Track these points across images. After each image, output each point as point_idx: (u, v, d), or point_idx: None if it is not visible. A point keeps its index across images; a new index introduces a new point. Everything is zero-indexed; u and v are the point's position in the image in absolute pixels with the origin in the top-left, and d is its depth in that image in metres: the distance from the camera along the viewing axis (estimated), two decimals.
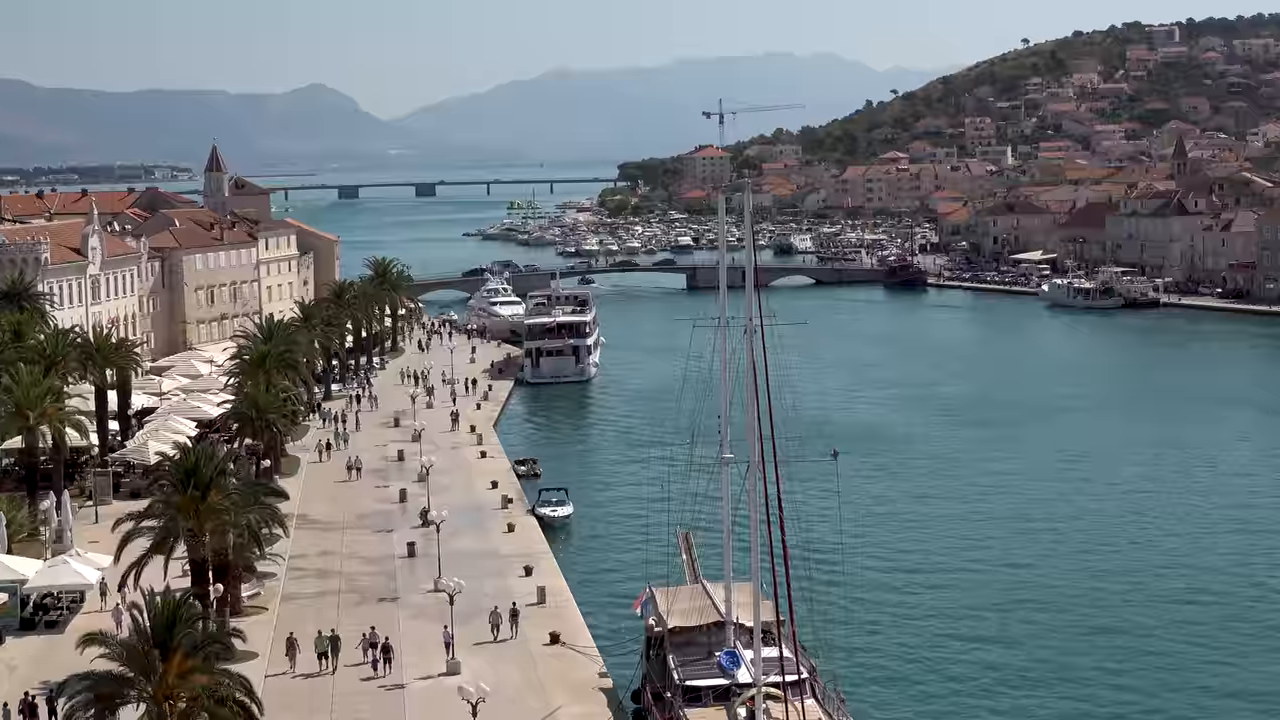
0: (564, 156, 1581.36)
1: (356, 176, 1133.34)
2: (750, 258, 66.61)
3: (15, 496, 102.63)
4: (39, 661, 75.16)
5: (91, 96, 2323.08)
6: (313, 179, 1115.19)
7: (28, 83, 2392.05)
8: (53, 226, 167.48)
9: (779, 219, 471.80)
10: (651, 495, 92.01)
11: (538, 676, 74.01)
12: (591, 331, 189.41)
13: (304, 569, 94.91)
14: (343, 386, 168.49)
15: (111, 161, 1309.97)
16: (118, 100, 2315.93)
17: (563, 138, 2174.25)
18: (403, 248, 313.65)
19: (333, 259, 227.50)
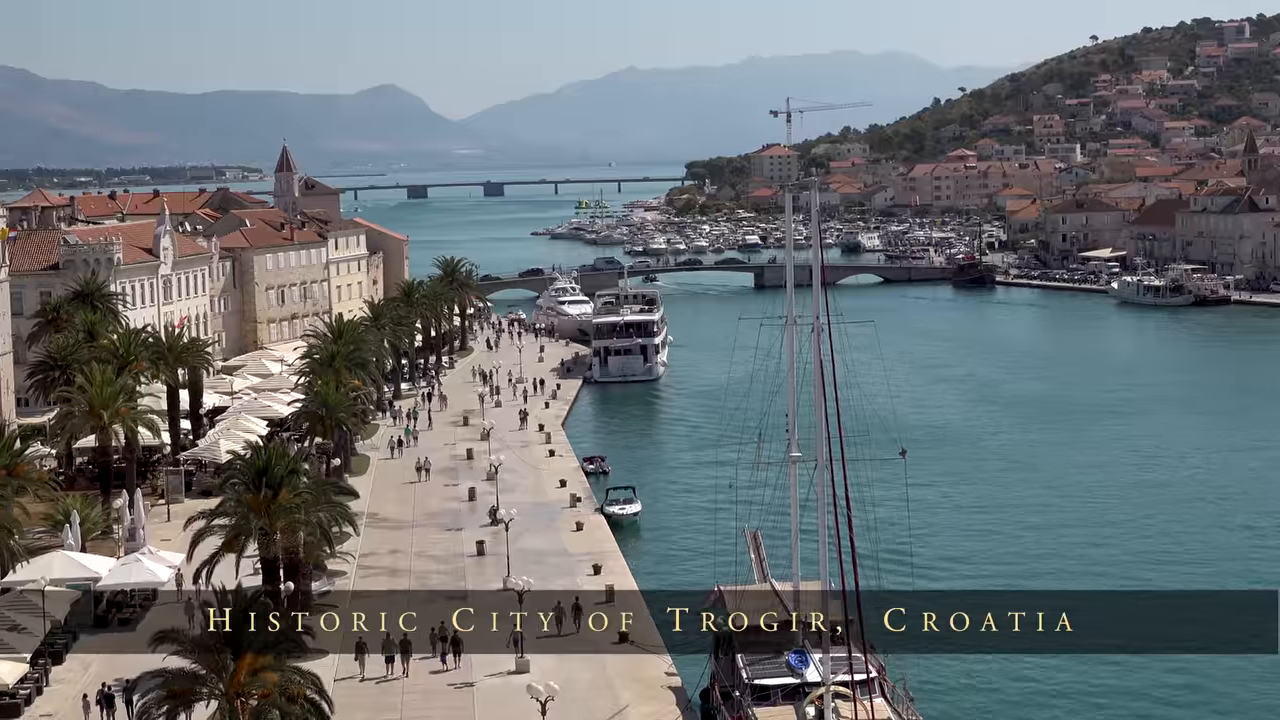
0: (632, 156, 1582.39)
1: (425, 176, 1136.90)
2: (817, 256, 66.58)
3: (89, 495, 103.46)
4: (112, 659, 75.82)
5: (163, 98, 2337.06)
6: (382, 179, 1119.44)
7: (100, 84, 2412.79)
8: (125, 227, 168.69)
9: (846, 217, 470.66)
10: (719, 494, 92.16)
11: (606, 675, 74.15)
12: (659, 330, 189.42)
13: (374, 567, 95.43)
14: (412, 385, 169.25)
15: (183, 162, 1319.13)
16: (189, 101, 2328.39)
17: (630, 137, 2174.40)
18: (471, 247, 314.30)
19: (402, 258, 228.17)
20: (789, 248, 75.88)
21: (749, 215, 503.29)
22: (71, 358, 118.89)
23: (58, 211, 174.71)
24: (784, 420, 71.84)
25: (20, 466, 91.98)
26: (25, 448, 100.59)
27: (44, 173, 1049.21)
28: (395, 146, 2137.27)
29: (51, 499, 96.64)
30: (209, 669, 55.46)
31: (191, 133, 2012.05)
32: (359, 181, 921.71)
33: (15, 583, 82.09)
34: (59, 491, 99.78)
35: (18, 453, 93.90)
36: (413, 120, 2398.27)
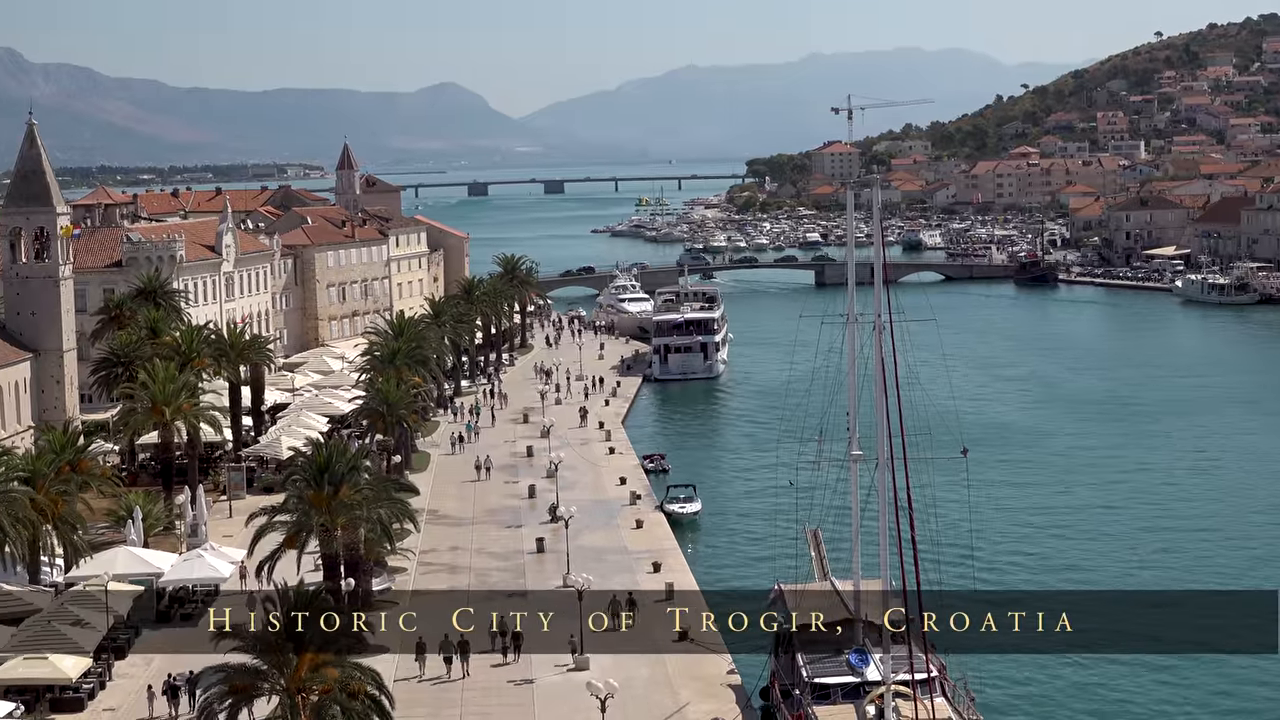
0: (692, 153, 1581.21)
1: (485, 174, 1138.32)
2: (879, 254, 66.36)
3: (151, 491, 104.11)
4: (174, 654, 76.18)
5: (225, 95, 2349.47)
6: (442, 176, 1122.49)
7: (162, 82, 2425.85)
8: (188, 224, 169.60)
9: (908, 215, 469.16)
10: (780, 492, 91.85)
11: (666, 673, 74.08)
12: (720, 328, 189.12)
13: (434, 564, 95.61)
14: (472, 383, 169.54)
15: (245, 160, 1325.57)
16: (251, 99, 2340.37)
17: (691, 134, 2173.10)
18: (531, 244, 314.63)
19: (462, 256, 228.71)
20: (850, 245, 75.61)
21: (810, 213, 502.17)
22: (134, 354, 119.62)
23: (121, 209, 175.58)
24: (845, 418, 71.61)
25: (84, 462, 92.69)
26: (89, 444, 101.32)
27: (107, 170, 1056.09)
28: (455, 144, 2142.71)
29: (114, 495, 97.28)
30: (270, 665, 55.67)
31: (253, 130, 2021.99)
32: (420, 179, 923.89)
33: (79, 578, 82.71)
34: (122, 487, 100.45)
35: (81, 449, 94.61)
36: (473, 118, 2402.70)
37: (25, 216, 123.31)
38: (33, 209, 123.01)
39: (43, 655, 69.39)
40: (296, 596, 57.66)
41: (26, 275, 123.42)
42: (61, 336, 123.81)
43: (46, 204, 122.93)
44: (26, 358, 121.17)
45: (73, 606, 76.16)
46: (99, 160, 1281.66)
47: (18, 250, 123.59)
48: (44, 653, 69.56)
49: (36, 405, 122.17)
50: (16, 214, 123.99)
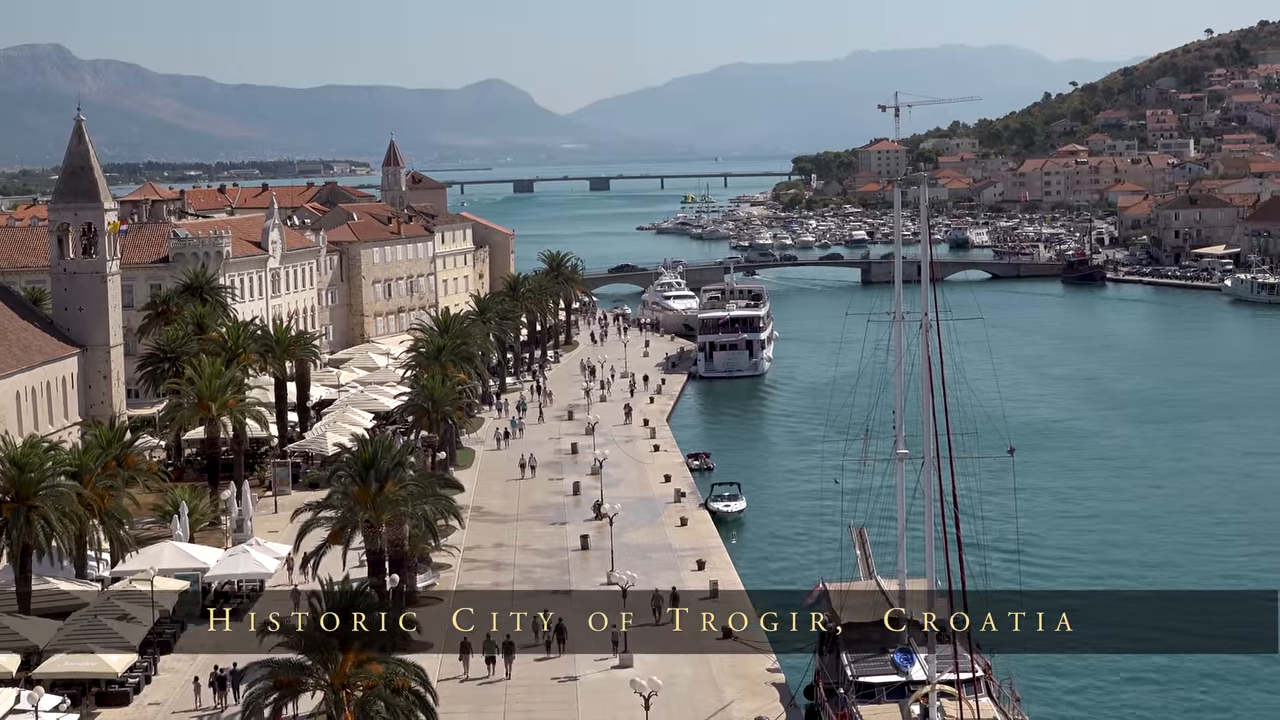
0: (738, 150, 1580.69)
1: (531, 170, 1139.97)
2: (925, 252, 66.07)
3: (197, 486, 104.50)
4: (219, 649, 76.38)
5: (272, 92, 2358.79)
6: (488, 173, 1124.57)
7: (210, 79, 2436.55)
8: (234, 220, 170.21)
9: (955, 213, 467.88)
10: (825, 490, 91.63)
11: (710, 671, 73.96)
12: (765, 326, 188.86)
13: (478, 560, 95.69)
14: (517, 380, 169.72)
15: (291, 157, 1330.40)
16: (297, 96, 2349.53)
17: (737, 131, 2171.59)
18: (576, 241, 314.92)
19: (508, 252, 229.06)
20: (897, 243, 75.37)
21: (856, 210, 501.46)
22: (181, 350, 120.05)
23: (168, 205, 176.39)
24: (891, 417, 71.40)
25: (130, 457, 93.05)
26: (135, 439, 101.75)
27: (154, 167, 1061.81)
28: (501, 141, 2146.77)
29: (160, 490, 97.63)
30: (315, 660, 55.75)
31: (300, 127, 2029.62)
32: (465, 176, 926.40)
33: (125, 573, 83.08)
34: (168, 482, 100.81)
35: (128, 444, 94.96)
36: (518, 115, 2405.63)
37: (73, 212, 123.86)
38: (81, 205, 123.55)
39: (89, 649, 69.70)
40: (341, 592, 57.74)
41: (74, 271, 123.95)
42: (108, 332, 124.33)
43: (94, 200, 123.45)
44: (74, 353, 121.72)
45: (119, 601, 76.50)
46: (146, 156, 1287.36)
47: (65, 246, 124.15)
48: (90, 647, 69.87)
49: (83, 400, 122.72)
50: (64, 210, 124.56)
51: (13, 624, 72.64)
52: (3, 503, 77.79)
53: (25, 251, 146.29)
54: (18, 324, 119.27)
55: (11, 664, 69.10)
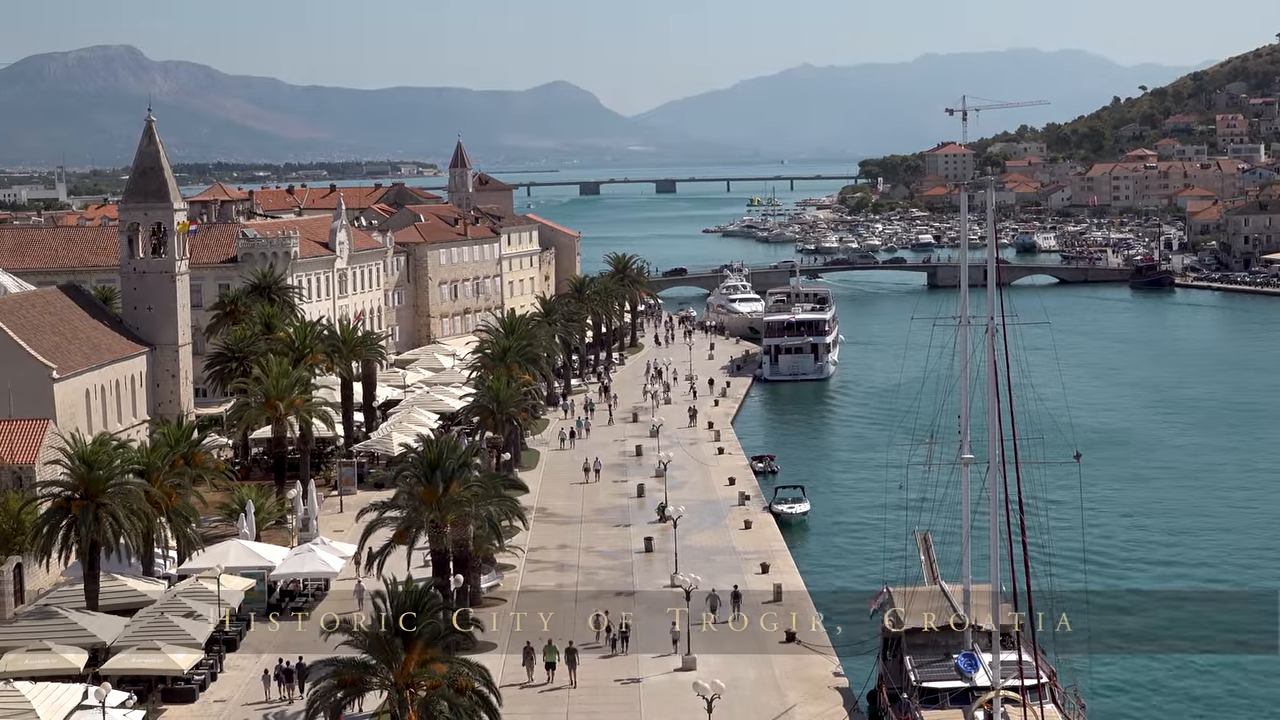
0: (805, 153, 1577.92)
1: (597, 173, 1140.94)
2: (992, 256, 65.83)
3: (263, 485, 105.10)
4: (284, 647, 76.77)
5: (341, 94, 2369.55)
6: (554, 175, 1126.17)
7: (280, 81, 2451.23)
8: (302, 221, 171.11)
9: (1022, 217, 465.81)
10: (889, 494, 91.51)
11: (773, 674, 73.87)
12: (831, 329, 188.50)
13: (542, 562, 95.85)
14: (582, 381, 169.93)
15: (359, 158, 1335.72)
16: (366, 97, 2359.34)
17: (803, 134, 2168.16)
18: (642, 244, 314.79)
19: (573, 254, 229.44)
20: (963, 247, 75.12)
21: (922, 214, 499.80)
22: (248, 349, 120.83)
23: (237, 205, 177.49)
24: (956, 421, 71.15)
25: (198, 456, 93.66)
26: (203, 437, 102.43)
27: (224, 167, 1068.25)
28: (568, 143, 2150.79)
29: (227, 488, 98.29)
30: (379, 659, 55.99)
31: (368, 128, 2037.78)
32: (532, 177, 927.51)
33: (191, 570, 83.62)
34: (235, 481, 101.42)
35: (195, 442, 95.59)
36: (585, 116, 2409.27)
37: (143, 212, 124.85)
38: (151, 205, 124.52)
39: (155, 646, 70.21)
40: (406, 592, 57.97)
41: (144, 270, 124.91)
42: (177, 331, 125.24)
43: (164, 200, 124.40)
44: (143, 352, 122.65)
45: (185, 599, 77.03)
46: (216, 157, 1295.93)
47: (135, 245, 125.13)
48: (157, 644, 70.39)
49: (152, 399, 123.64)
50: (135, 209, 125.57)
51: (81, 620, 73.31)
52: (72, 500, 78.44)
53: (96, 251, 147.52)
54: (88, 323, 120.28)
55: (79, 660, 69.73)
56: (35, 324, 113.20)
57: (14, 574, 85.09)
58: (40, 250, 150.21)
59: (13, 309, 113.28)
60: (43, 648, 69.57)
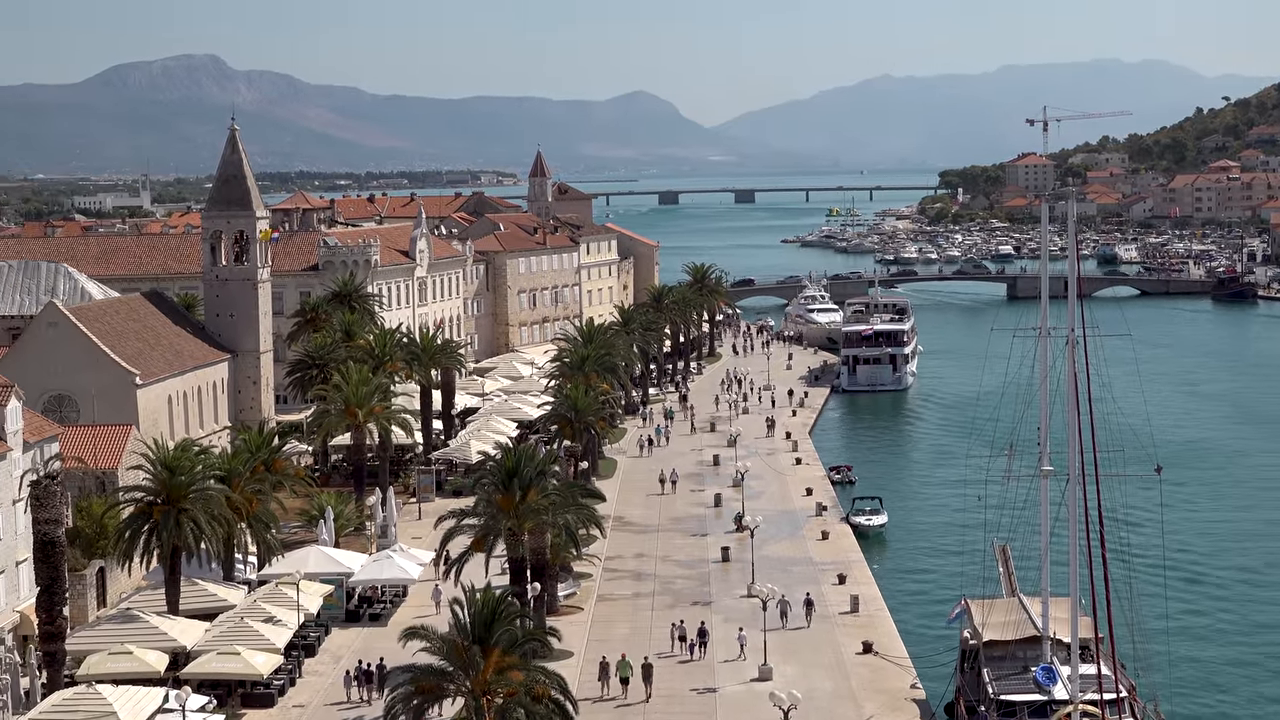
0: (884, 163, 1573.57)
1: (676, 182, 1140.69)
2: (1073, 267, 65.46)
3: (343, 492, 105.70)
4: (363, 652, 77.21)
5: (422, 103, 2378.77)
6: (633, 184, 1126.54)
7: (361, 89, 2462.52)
8: (383, 229, 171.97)
9: (1103, 228, 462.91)
10: (968, 506, 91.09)
11: (849, 685, 73.69)
12: (909, 340, 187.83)
13: (619, 570, 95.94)
14: (659, 390, 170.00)
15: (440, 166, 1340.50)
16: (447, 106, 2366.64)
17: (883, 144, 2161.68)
18: (721, 253, 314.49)
19: (652, 264, 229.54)
20: (1044, 258, 74.80)
21: (1002, 225, 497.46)
22: (329, 357, 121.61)
23: (318, 214, 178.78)
24: (1035, 433, 70.79)
25: (278, 462, 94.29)
26: (283, 444, 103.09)
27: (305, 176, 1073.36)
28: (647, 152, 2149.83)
29: (307, 495, 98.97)
30: (456, 666, 56.21)
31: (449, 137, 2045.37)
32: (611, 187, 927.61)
33: (271, 576, 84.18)
34: (314, 488, 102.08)
35: (276, 449, 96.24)
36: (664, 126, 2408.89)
37: (226, 220, 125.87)
38: (233, 213, 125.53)
39: (235, 651, 70.71)
40: (483, 600, 58.17)
41: (226, 278, 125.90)
42: (258, 338, 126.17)
43: (246, 208, 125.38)
44: (224, 358, 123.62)
45: (265, 604, 77.58)
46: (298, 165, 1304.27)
47: (218, 253, 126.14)
48: (236, 648, 70.89)
49: (233, 405, 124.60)
50: (218, 218, 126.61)
51: (162, 624, 73.96)
52: (154, 505, 79.13)
53: (179, 258, 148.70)
54: (170, 329, 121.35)
55: (160, 664, 70.37)
56: (119, 330, 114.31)
57: (96, 578, 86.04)
58: (124, 257, 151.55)
59: (97, 316, 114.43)
60: (124, 651, 70.22)
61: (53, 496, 68.63)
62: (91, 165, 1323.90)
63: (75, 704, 61.65)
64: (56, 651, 68.53)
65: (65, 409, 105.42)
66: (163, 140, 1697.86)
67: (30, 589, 74.78)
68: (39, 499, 68.67)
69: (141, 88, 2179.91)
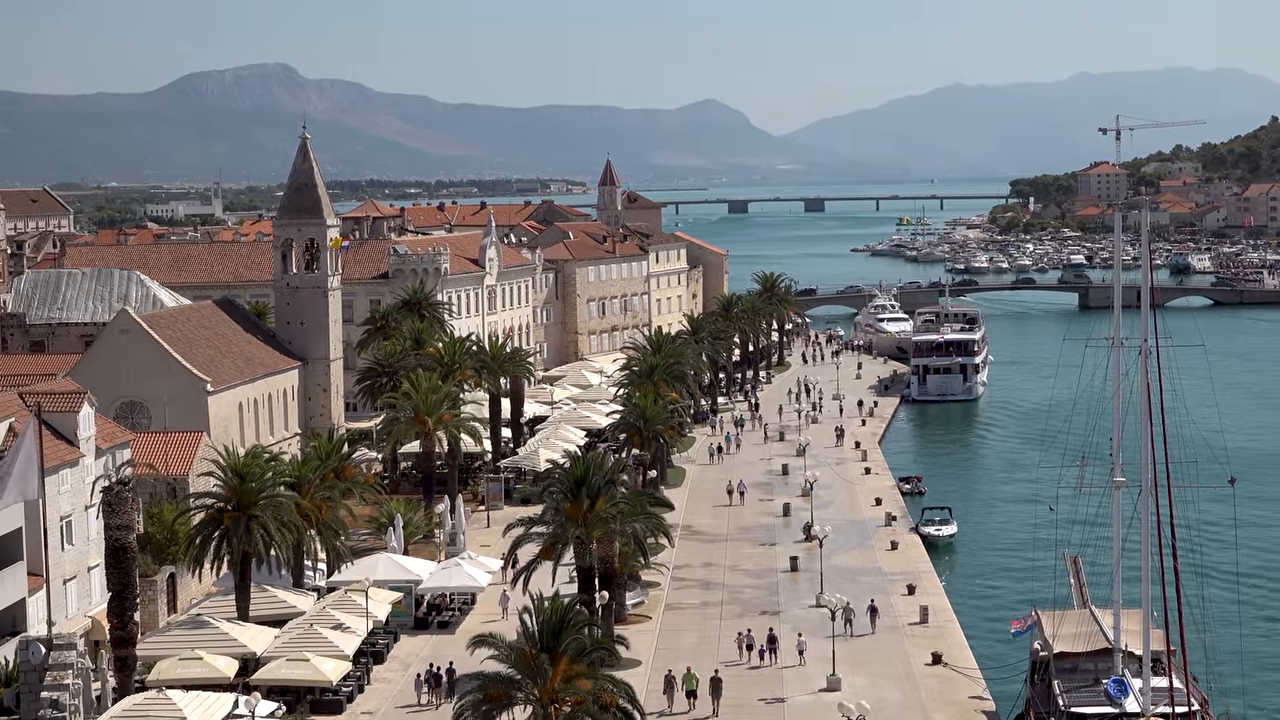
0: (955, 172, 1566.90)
1: (745, 191, 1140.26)
2: (1146, 277, 65.00)
3: (412, 499, 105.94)
4: (431, 659, 77.28)
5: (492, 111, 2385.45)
6: (703, 193, 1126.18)
7: (431, 98, 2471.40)
8: (452, 238, 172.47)
9: (1176, 238, 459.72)
10: (1038, 517, 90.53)
11: (918, 696, 73.31)
12: (980, 349, 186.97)
13: (687, 579, 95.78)
14: (729, 399, 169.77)
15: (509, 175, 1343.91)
16: (517, 115, 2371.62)
17: (954, 153, 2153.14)
18: (790, 262, 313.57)
19: (721, 272, 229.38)
20: (1116, 268, 74.19)
21: (1074, 234, 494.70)
22: (398, 365, 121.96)
23: (388, 222, 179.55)
24: (1107, 444, 70.26)
25: (348, 469, 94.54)
26: (352, 451, 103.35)
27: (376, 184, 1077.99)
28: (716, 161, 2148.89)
29: (376, 502, 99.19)
30: (524, 674, 56.19)
31: (518, 146, 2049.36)
32: (680, 195, 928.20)
33: (340, 583, 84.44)
34: (383, 495, 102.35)
35: (345, 456, 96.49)
36: (734, 135, 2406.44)
37: (297, 228, 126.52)
38: (304, 221, 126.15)
39: (304, 657, 70.94)
40: (551, 608, 58.15)
41: (296, 285, 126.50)
42: (329, 346, 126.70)
43: (317, 216, 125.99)
44: (295, 366, 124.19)
45: (334, 611, 77.83)
46: (368, 174, 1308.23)
47: (289, 261, 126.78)
48: (306, 655, 71.12)
49: (303, 412, 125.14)
50: (288, 226, 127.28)
51: (231, 630, 74.29)
52: (224, 511, 79.48)
53: (250, 266, 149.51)
54: (241, 337, 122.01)
55: (230, 669, 70.66)
56: (190, 338, 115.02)
57: (167, 583, 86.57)
58: (196, 265, 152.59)
59: (169, 323, 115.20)
60: (194, 657, 70.54)
61: (124, 502, 69.00)
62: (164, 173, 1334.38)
63: (145, 709, 61.95)
64: (127, 657, 68.87)
65: (137, 415, 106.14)
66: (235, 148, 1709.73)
67: (102, 594, 75.28)
68: (111, 505, 69.05)
69: (214, 96, 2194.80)
